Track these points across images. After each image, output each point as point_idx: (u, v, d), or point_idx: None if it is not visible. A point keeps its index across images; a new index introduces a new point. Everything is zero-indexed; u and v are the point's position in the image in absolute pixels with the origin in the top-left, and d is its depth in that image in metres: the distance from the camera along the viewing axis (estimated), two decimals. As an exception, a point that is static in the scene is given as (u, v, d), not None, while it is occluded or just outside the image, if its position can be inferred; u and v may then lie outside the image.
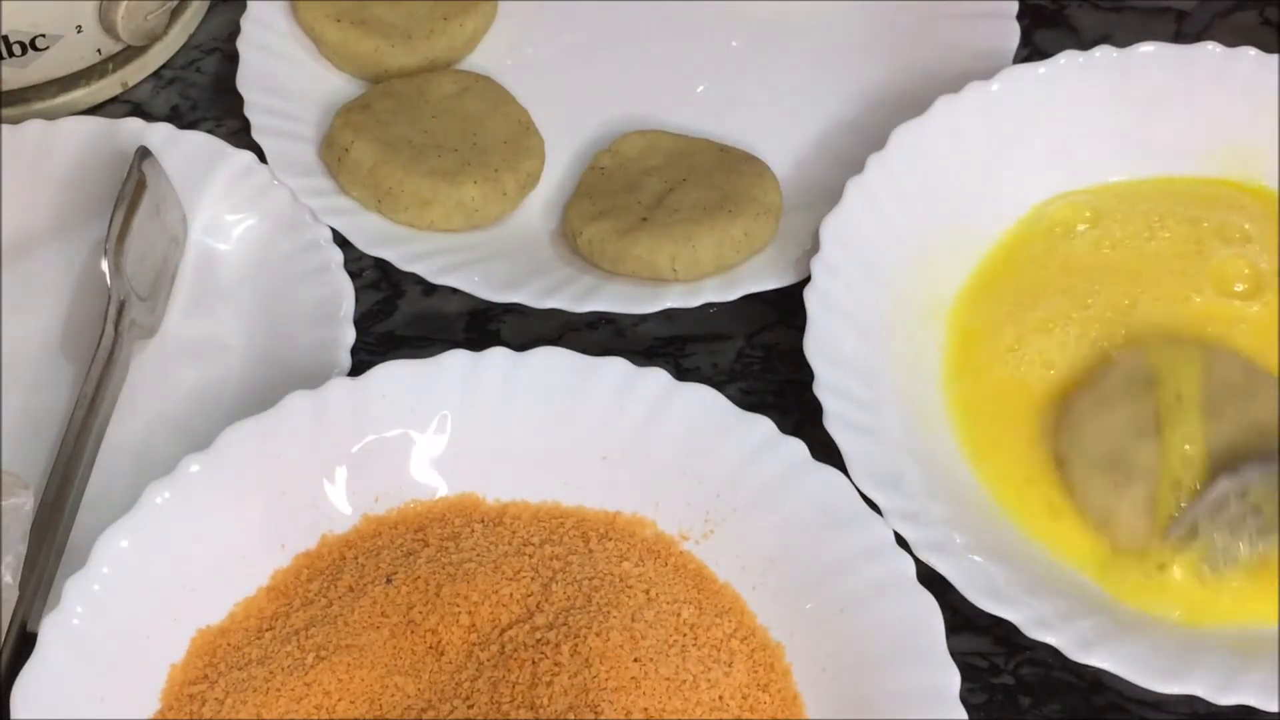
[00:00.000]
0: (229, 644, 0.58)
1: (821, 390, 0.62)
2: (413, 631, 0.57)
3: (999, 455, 0.63)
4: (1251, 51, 0.69)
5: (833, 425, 0.61)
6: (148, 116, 0.74)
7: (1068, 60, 0.70)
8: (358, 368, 0.63)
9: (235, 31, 0.75)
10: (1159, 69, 0.70)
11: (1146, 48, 0.70)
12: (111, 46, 0.74)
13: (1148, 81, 0.70)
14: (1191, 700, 0.59)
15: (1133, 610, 0.59)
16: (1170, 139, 0.70)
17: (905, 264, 0.67)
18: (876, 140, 0.69)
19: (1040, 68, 0.70)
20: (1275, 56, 0.69)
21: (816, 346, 0.63)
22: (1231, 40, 0.70)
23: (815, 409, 0.66)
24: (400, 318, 0.70)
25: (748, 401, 0.65)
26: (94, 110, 0.75)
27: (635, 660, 0.56)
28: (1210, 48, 0.69)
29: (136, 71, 0.76)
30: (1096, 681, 0.60)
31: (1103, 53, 0.69)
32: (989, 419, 0.64)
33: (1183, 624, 0.59)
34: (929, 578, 0.59)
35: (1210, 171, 0.70)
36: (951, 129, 0.69)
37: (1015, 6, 0.75)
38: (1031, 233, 0.69)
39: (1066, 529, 0.62)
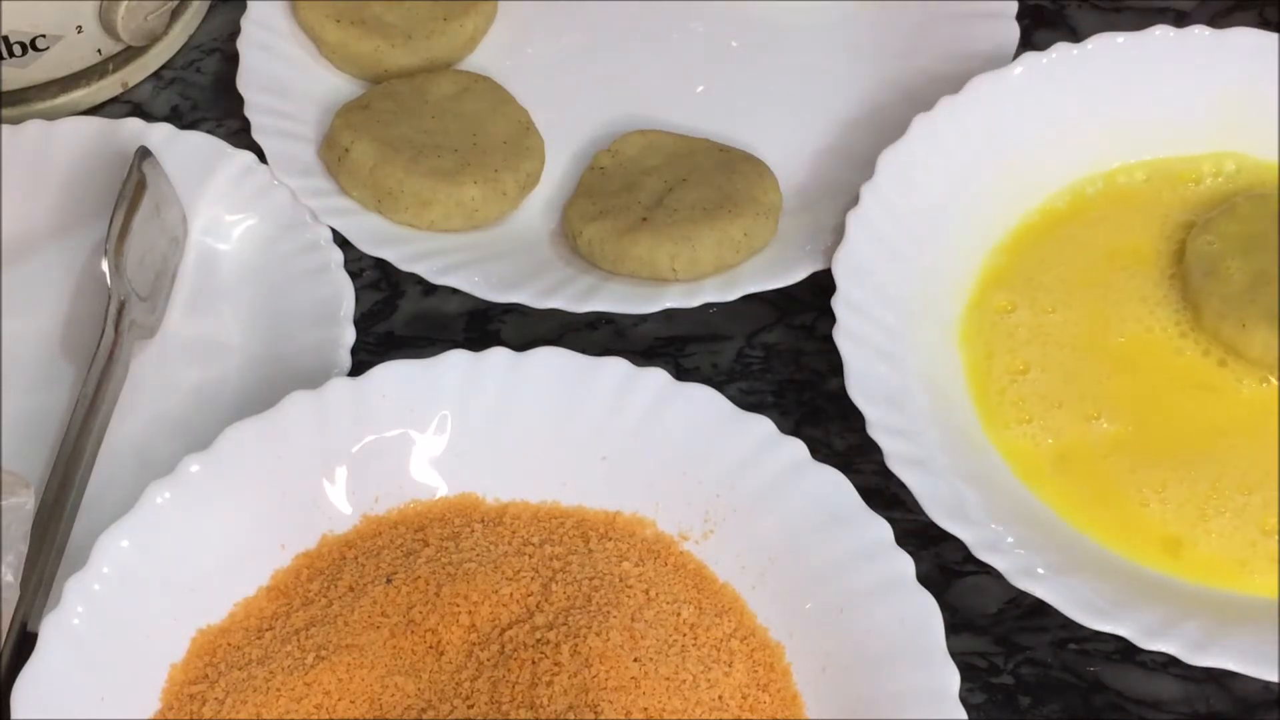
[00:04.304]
0: (229, 644, 0.58)
1: (877, 432, 0.61)
2: (413, 631, 0.57)
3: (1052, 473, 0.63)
4: (1245, 30, 0.70)
5: (895, 465, 0.60)
6: (148, 116, 0.74)
7: (1060, 54, 0.70)
8: (358, 368, 0.63)
9: (235, 31, 0.75)
10: (1160, 52, 0.70)
11: (1154, 31, 0.70)
12: (112, 47, 0.74)
13: (1151, 67, 0.70)
14: (1191, 699, 0.59)
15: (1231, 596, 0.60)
16: (1177, 123, 0.70)
17: (917, 284, 0.66)
18: (876, 140, 0.69)
19: (1043, 58, 0.70)
20: (1273, 35, 0.69)
21: (859, 386, 0.62)
22: (1231, 41, 0.71)
23: (815, 409, 0.66)
24: (400, 318, 0.70)
25: (747, 401, 0.65)
26: (94, 110, 0.75)
27: (635, 660, 0.56)
28: (1206, 30, 0.70)
29: (137, 71, 0.76)
30: (1096, 681, 0.60)
31: (1099, 41, 0.70)
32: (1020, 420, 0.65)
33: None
34: (928, 578, 0.59)
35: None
36: (951, 132, 0.69)
37: (1015, 6, 0.75)
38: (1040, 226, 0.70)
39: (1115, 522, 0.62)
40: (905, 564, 0.57)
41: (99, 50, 0.74)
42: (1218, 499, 0.62)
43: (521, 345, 0.62)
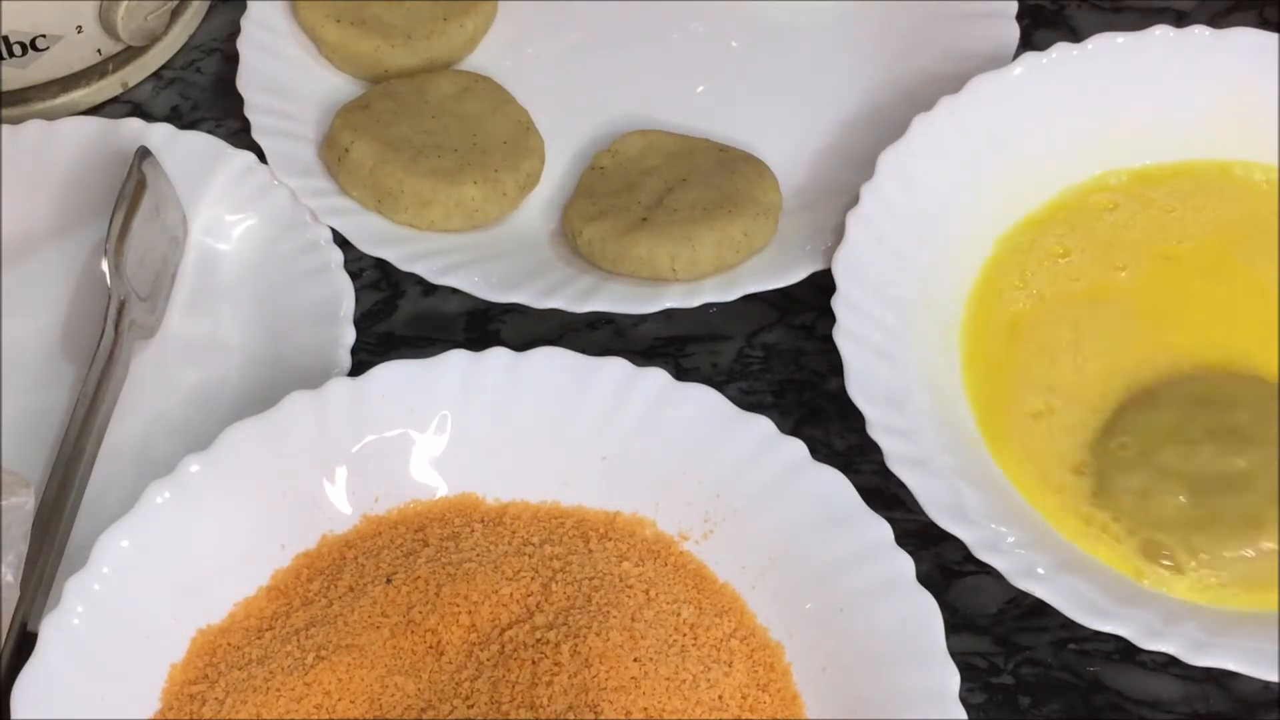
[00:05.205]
0: (229, 644, 0.58)
1: (877, 432, 0.61)
2: (413, 631, 0.57)
3: (1031, 468, 0.63)
4: (1245, 30, 0.70)
5: (895, 465, 0.60)
6: (148, 116, 0.74)
7: (1060, 53, 0.70)
8: (358, 368, 0.63)
9: (235, 31, 0.75)
10: (1160, 52, 0.70)
11: (1154, 31, 0.70)
12: (112, 47, 0.74)
13: (1151, 67, 0.70)
14: (1191, 699, 0.59)
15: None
16: (1176, 123, 0.70)
17: (917, 284, 0.66)
18: (876, 140, 0.69)
19: (1043, 58, 0.70)
20: (1273, 35, 0.69)
21: (859, 386, 0.62)
22: (1230, 41, 0.71)
23: (815, 409, 0.66)
24: (400, 318, 0.70)
25: (747, 401, 0.65)
26: (94, 110, 0.75)
27: (635, 660, 0.56)
28: (1206, 30, 0.70)
29: (137, 72, 0.76)
30: (1096, 681, 0.60)
31: (1099, 41, 0.70)
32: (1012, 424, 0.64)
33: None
34: (928, 578, 0.59)
35: (1219, 154, 0.70)
36: (951, 132, 0.69)
37: (1015, 6, 0.75)
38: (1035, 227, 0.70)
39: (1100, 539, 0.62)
40: (905, 564, 0.57)
41: (99, 50, 0.74)
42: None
43: (521, 345, 0.62)
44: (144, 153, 0.68)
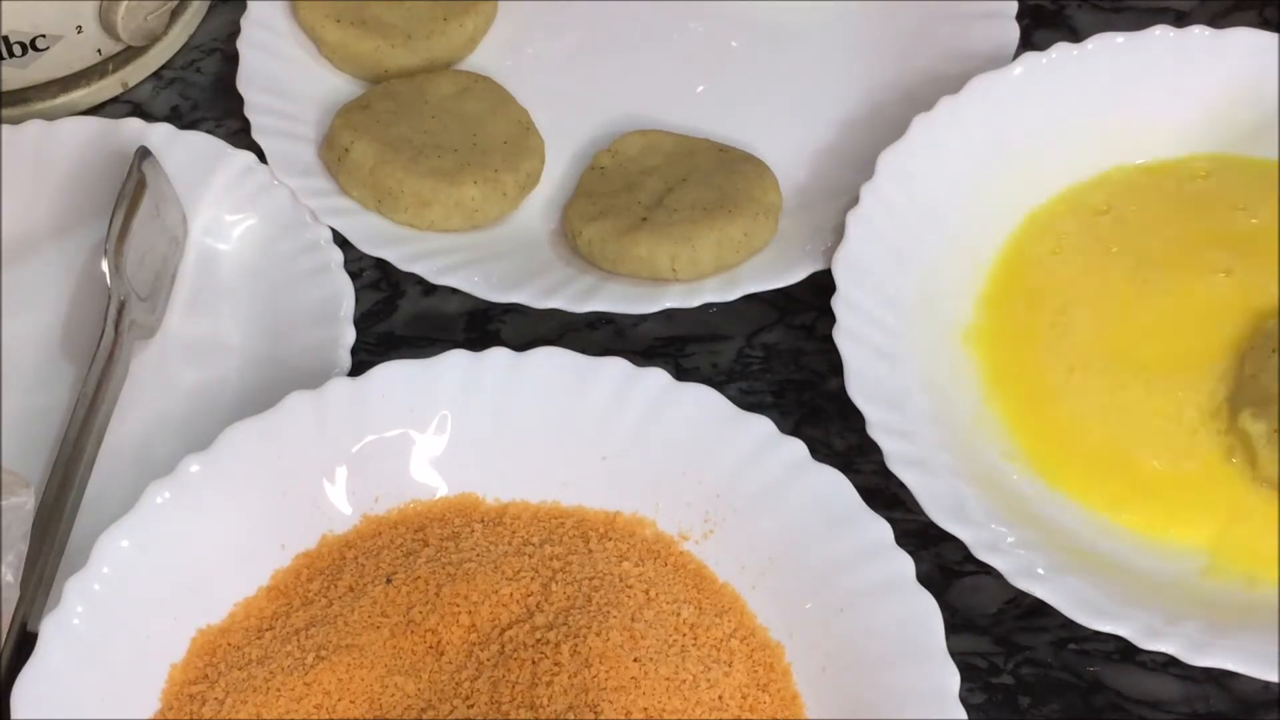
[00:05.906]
0: (229, 644, 0.58)
1: (877, 432, 0.61)
2: (413, 631, 0.57)
3: (1063, 461, 0.63)
4: (1245, 30, 0.70)
5: (895, 465, 0.60)
6: (148, 116, 0.74)
7: (1060, 53, 0.70)
8: (358, 368, 0.63)
9: (235, 31, 0.75)
10: (1160, 52, 0.70)
11: (1154, 31, 0.70)
12: (112, 47, 0.74)
13: (1151, 67, 0.70)
14: (1191, 699, 0.59)
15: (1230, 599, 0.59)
16: (1176, 122, 0.70)
17: (917, 284, 0.66)
18: (876, 140, 0.69)
19: (1043, 58, 0.70)
20: (1273, 35, 0.69)
21: (859, 386, 0.62)
22: (1231, 41, 0.71)
23: (815, 409, 0.66)
24: (400, 318, 0.70)
25: (747, 401, 0.65)
26: (94, 110, 0.75)
27: (635, 660, 0.56)
28: (1206, 30, 0.70)
29: (137, 71, 0.76)
30: (1095, 681, 0.60)
31: (1099, 41, 0.70)
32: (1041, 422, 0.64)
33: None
34: (928, 578, 0.59)
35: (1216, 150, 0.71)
36: (951, 132, 0.69)
37: (1015, 6, 0.75)
38: (1045, 225, 0.69)
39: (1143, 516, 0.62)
40: (905, 564, 0.57)
41: (99, 50, 0.74)
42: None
43: (521, 345, 0.62)
44: (144, 153, 0.68)
